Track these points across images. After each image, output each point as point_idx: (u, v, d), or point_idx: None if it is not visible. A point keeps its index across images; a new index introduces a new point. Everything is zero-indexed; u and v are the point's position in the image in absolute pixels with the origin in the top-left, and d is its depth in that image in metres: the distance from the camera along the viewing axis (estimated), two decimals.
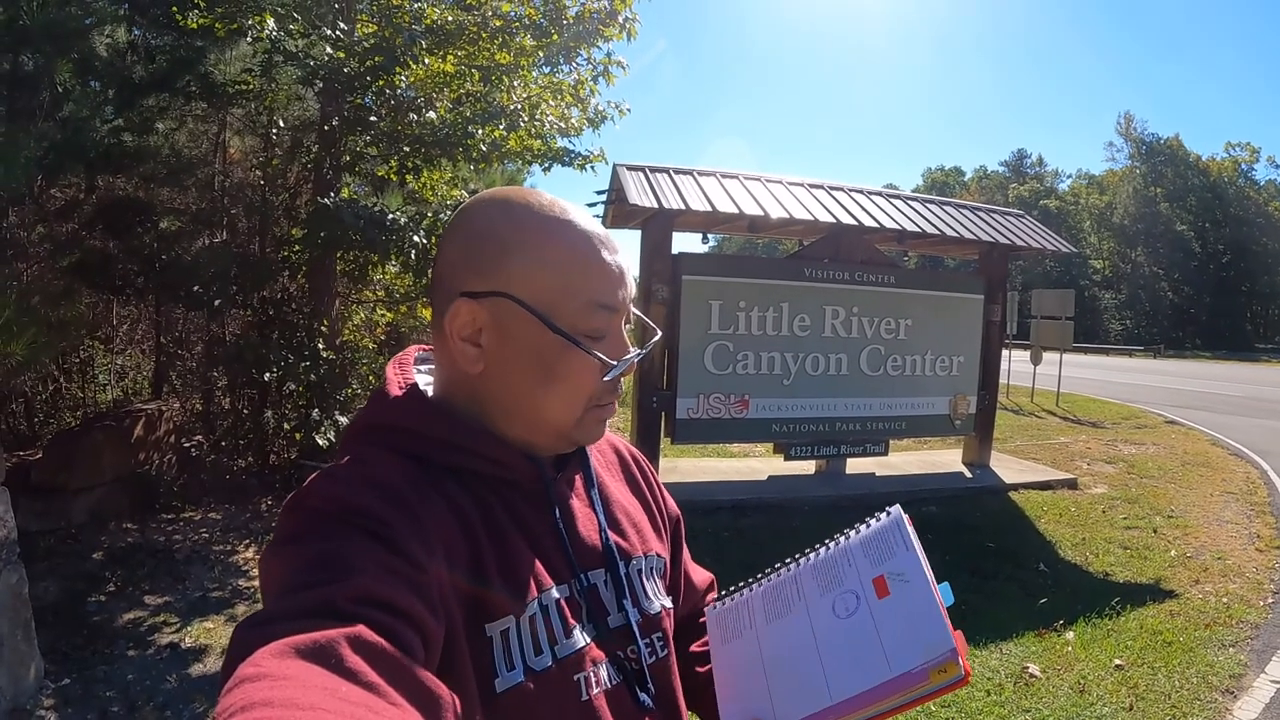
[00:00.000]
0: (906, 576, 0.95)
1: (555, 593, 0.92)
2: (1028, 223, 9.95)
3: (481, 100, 7.25)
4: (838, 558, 1.04)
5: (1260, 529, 7.60)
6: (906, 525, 1.02)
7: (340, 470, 0.86)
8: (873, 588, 0.97)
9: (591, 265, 0.92)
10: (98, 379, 9.05)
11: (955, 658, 0.85)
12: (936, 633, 0.88)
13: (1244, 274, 71.13)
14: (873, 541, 1.02)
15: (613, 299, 0.93)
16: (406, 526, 0.79)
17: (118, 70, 7.10)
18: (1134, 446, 12.15)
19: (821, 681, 0.92)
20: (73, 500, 6.36)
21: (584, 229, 0.94)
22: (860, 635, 0.93)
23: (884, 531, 1.03)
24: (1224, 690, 4.44)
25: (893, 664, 0.87)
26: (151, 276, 7.36)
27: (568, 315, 0.91)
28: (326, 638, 0.62)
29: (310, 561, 0.74)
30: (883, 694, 0.86)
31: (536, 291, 0.91)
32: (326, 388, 6.90)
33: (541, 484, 0.96)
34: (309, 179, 8.44)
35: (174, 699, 4.07)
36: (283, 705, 0.53)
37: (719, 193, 7.66)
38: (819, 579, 1.03)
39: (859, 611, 0.95)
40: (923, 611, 0.91)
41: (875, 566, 0.99)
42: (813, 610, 1.00)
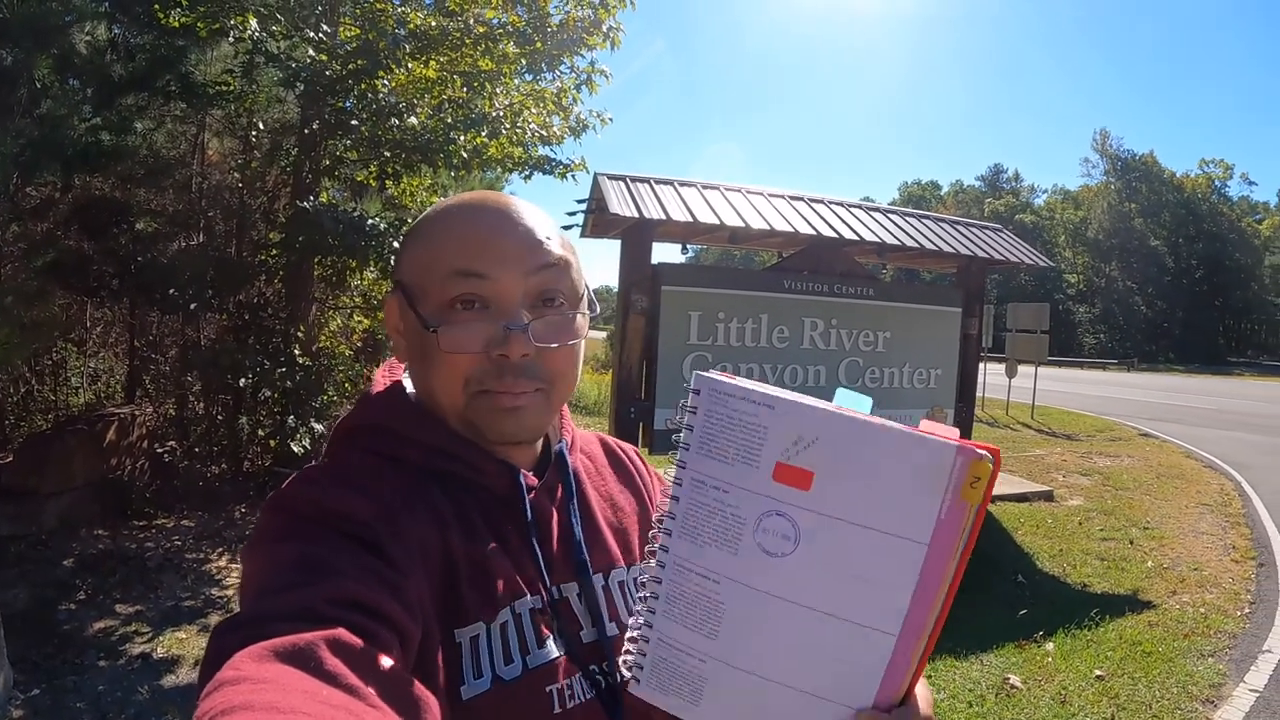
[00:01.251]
0: (810, 436, 0.75)
1: (530, 602, 0.89)
2: (1005, 236, 10.01)
3: (463, 106, 7.23)
4: (696, 500, 0.80)
5: (1235, 540, 7.67)
6: (738, 384, 0.80)
7: (319, 472, 0.85)
8: (786, 487, 0.76)
9: (454, 231, 0.89)
10: (70, 382, 8.94)
11: (971, 454, 0.71)
12: (914, 452, 0.73)
13: (1217, 289, 72.12)
14: (710, 438, 0.79)
15: (476, 263, 0.87)
16: (384, 528, 0.78)
17: (97, 68, 7.04)
18: (1109, 459, 12.25)
19: (859, 645, 0.76)
20: (44, 505, 6.27)
21: (469, 200, 0.92)
22: (840, 547, 0.75)
23: (710, 417, 0.80)
24: (1204, 700, 4.46)
25: (912, 534, 0.73)
26: (127, 278, 7.28)
27: (435, 289, 0.88)
28: (306, 641, 0.61)
29: (288, 563, 0.73)
30: (929, 587, 0.72)
31: (410, 272, 0.91)
32: (302, 394, 6.85)
33: (517, 492, 0.94)
34: (288, 183, 8.38)
35: (145, 711, 4.01)
36: (263, 709, 0.52)
37: (700, 203, 7.65)
38: (703, 539, 0.80)
39: (802, 527, 0.76)
40: (875, 448, 0.74)
41: (754, 464, 0.77)
42: (748, 580, 0.78)
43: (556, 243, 0.92)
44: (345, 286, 8.39)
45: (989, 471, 0.71)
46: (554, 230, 0.93)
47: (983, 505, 0.72)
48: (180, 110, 8.00)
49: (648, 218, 7.08)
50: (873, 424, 0.74)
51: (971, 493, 0.71)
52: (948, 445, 0.72)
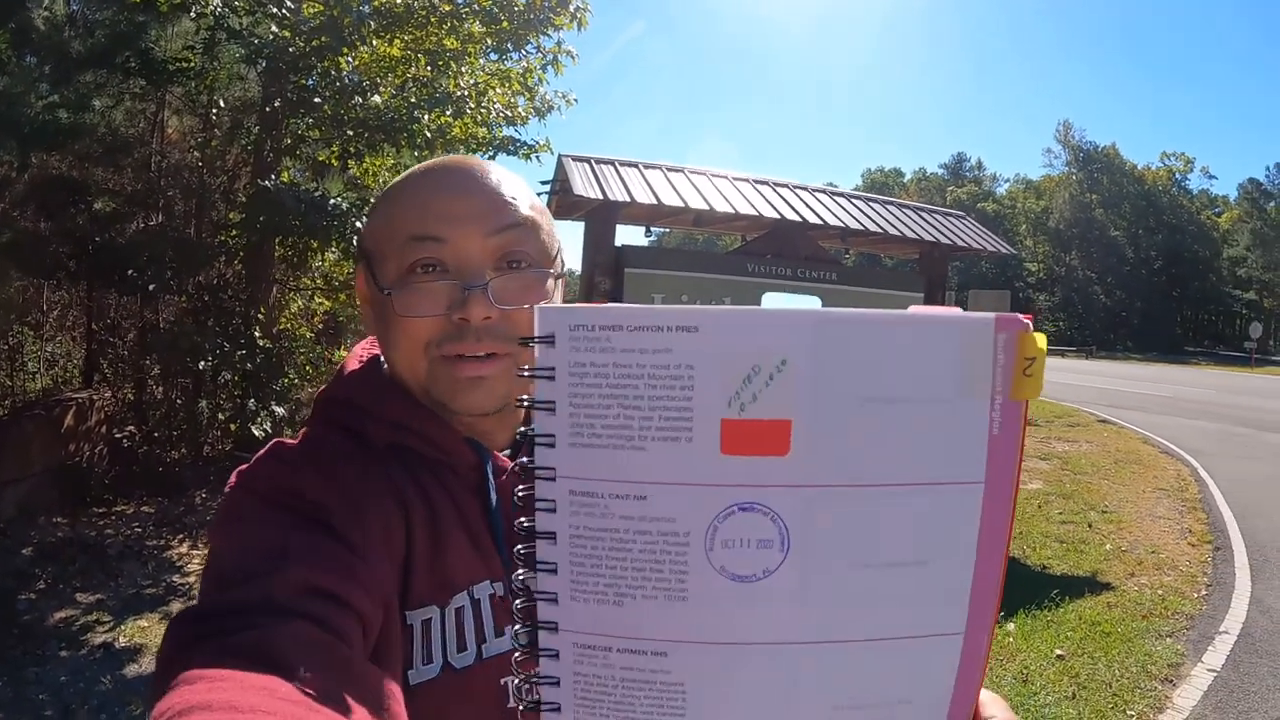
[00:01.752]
0: (776, 356, 0.49)
1: (489, 588, 0.86)
2: (968, 223, 10.09)
3: (428, 86, 7.17)
4: (585, 520, 0.51)
5: (1192, 524, 7.82)
6: (590, 309, 0.50)
7: (285, 449, 0.83)
8: (746, 462, 0.49)
9: (412, 197, 0.87)
10: (27, 367, 8.76)
11: (1017, 325, 0.51)
12: (947, 342, 0.50)
13: (1175, 279, 73.43)
14: (600, 401, 0.50)
15: (431, 228, 0.84)
16: (345, 510, 0.76)
17: (55, 44, 6.89)
18: (1067, 444, 12.43)
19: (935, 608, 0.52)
20: (1, 493, 6.15)
21: (427, 166, 0.90)
22: (858, 539, 0.51)
23: (591, 362, 0.50)
24: (1163, 679, 4.54)
25: (955, 473, 0.51)
26: (84, 260, 7.15)
27: (394, 256, 0.85)
28: (265, 634, 0.60)
29: (248, 548, 0.71)
30: (993, 545, 0.51)
31: (372, 240, 0.89)
32: (263, 377, 6.76)
33: (482, 471, 0.90)
34: (248, 162, 8.26)
35: (109, 701, 3.95)
36: (221, 708, 0.51)
37: (664, 186, 7.63)
38: (613, 592, 0.52)
39: (785, 525, 0.50)
40: (889, 352, 0.50)
41: (680, 427, 0.49)
42: (703, 659, 0.52)
43: (524, 203, 0.88)
44: (306, 268, 8.30)
45: (1043, 350, 0.52)
46: (521, 190, 0.89)
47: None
48: (139, 87, 7.85)
49: (612, 200, 7.05)
50: (871, 321, 0.50)
51: (1027, 384, 0.52)
52: (984, 322, 0.50)
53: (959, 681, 0.53)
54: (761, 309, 0.50)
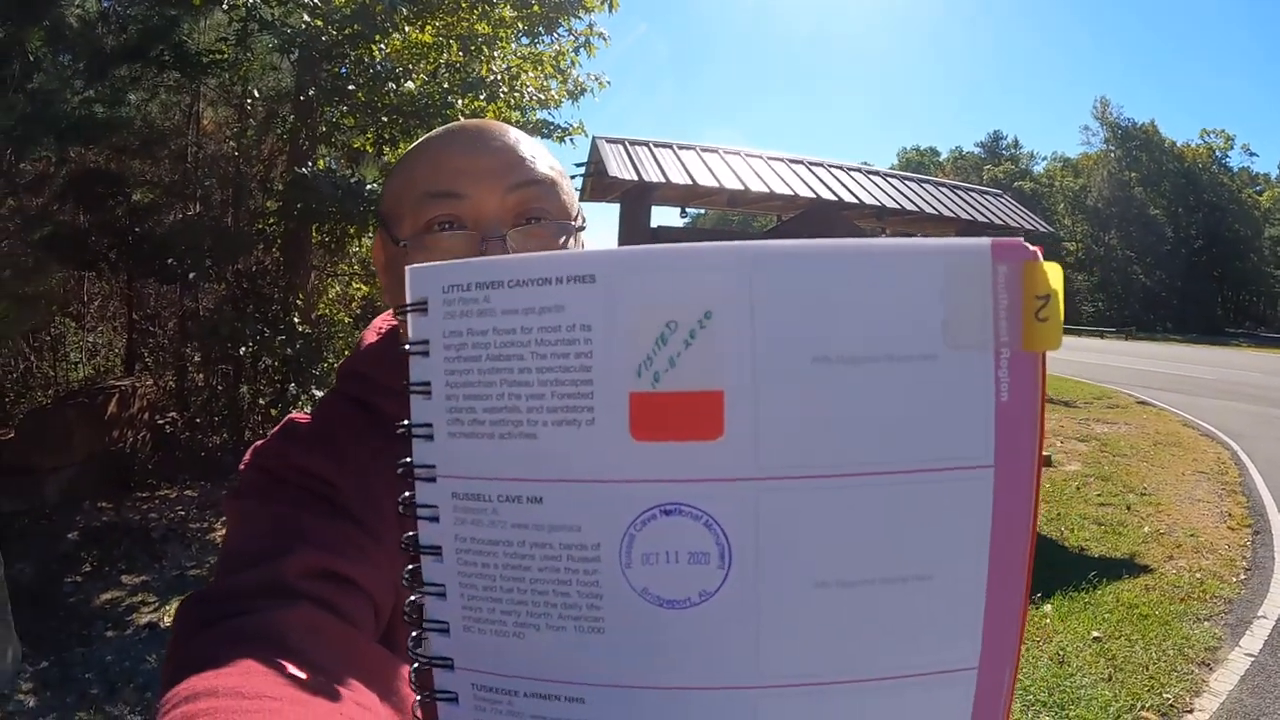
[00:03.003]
0: (698, 306, 0.39)
1: None
2: (1006, 201, 9.99)
3: (460, 71, 7.17)
4: (470, 530, 0.45)
5: (1231, 508, 7.70)
6: (467, 264, 0.44)
7: (298, 426, 0.84)
8: (665, 450, 0.40)
9: (428, 155, 0.85)
10: (69, 357, 8.91)
11: (1021, 253, 0.40)
12: (928, 276, 0.39)
13: (1216, 259, 72.02)
14: (481, 378, 0.43)
15: (448, 184, 0.81)
16: (357, 490, 0.77)
17: (89, 40, 6.96)
18: (1107, 426, 12.27)
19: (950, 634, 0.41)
20: (46, 480, 6.27)
21: (444, 128, 0.89)
22: (821, 547, 0.40)
23: (468, 329, 0.43)
24: (1200, 663, 4.49)
25: (952, 455, 0.40)
26: (124, 250, 7.25)
27: (409, 215, 0.83)
28: (273, 618, 0.60)
29: (260, 527, 0.72)
30: (1011, 543, 0.40)
31: (387, 202, 0.88)
32: (302, 362, 6.84)
33: None
34: (284, 150, 8.33)
35: (154, 679, 4.01)
36: (227, 694, 0.51)
37: (699, 166, 7.62)
38: (511, 623, 0.44)
39: (723, 531, 0.40)
40: (853, 295, 0.39)
41: (579, 407, 0.41)
42: (630, 712, 0.42)
43: (542, 162, 0.85)
44: (344, 253, 8.36)
45: (1057, 289, 0.41)
46: (539, 150, 0.87)
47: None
48: (174, 80, 7.92)
49: (647, 181, 7.04)
50: (820, 251, 0.40)
51: (1041, 331, 0.40)
52: (977, 249, 0.40)
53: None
54: (678, 245, 0.40)
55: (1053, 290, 0.40)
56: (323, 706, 0.53)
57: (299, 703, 0.52)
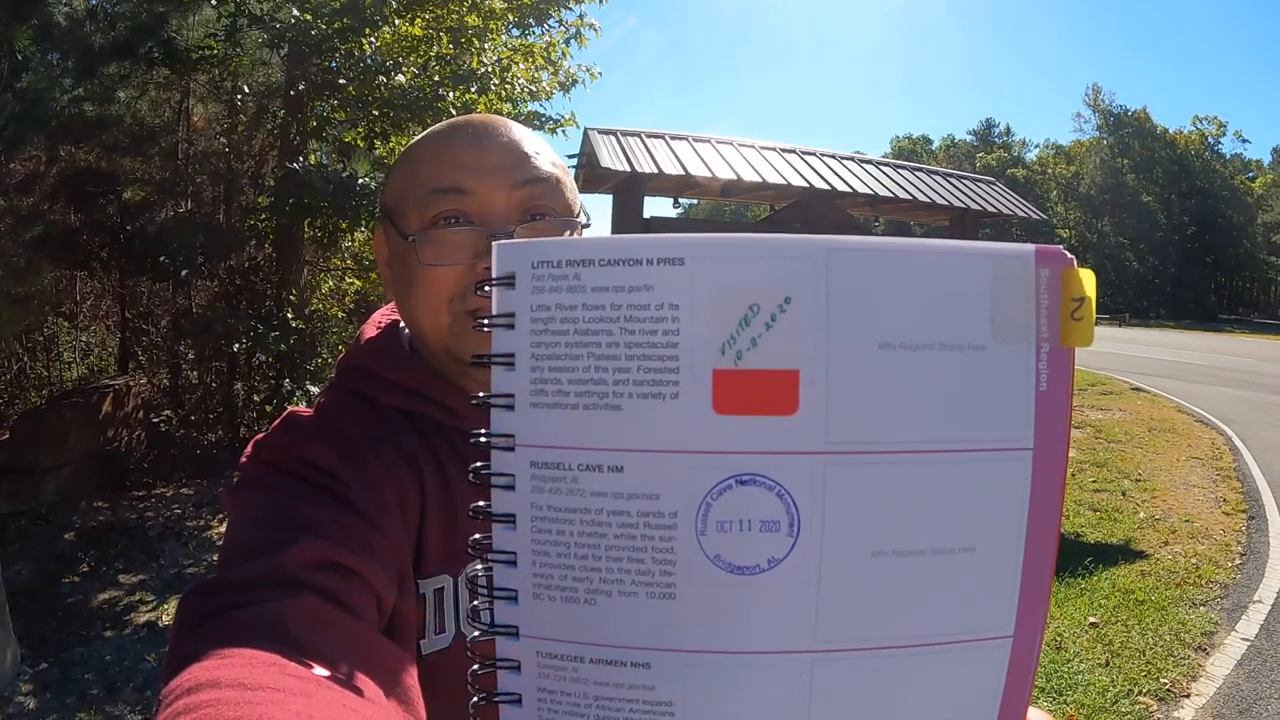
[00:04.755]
0: (778, 292, 0.42)
1: None
2: (998, 189, 9.97)
3: (451, 63, 7.15)
4: (547, 498, 0.46)
5: (1226, 493, 7.73)
6: (557, 243, 0.46)
7: (299, 419, 0.83)
8: (744, 424, 0.42)
9: (435, 151, 0.86)
10: (63, 356, 8.90)
11: (1060, 259, 0.44)
12: (979, 277, 0.44)
13: (1209, 246, 72.21)
14: (567, 351, 0.44)
15: (455, 179, 0.83)
16: (359, 480, 0.76)
17: (77, 38, 6.93)
18: (1101, 412, 12.31)
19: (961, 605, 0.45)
20: (42, 480, 6.26)
21: (449, 122, 0.90)
22: (881, 519, 0.44)
23: (556, 305, 0.44)
24: (1196, 647, 4.52)
25: (996, 437, 0.44)
26: (115, 249, 7.24)
27: (415, 210, 0.84)
28: (275, 609, 0.59)
29: (262, 519, 0.71)
30: (1044, 522, 0.45)
31: (392, 196, 0.88)
32: (296, 358, 6.83)
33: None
34: (275, 145, 8.30)
35: (153, 678, 4.02)
36: (230, 685, 0.50)
37: (691, 156, 7.59)
38: (583, 589, 0.45)
39: (794, 501, 0.43)
40: (913, 289, 0.43)
41: (664, 381, 0.43)
42: (696, 676, 0.44)
43: (546, 159, 0.87)
44: (336, 248, 8.35)
45: (1090, 289, 0.44)
46: (543, 147, 0.88)
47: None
48: (163, 77, 7.90)
49: (639, 172, 7.02)
50: (891, 251, 0.44)
51: (1076, 329, 0.44)
52: (1022, 255, 0.44)
53: (1006, 699, 0.45)
54: (762, 235, 0.43)
55: (1086, 294, 0.44)
56: (326, 696, 0.52)
57: (302, 694, 0.51)
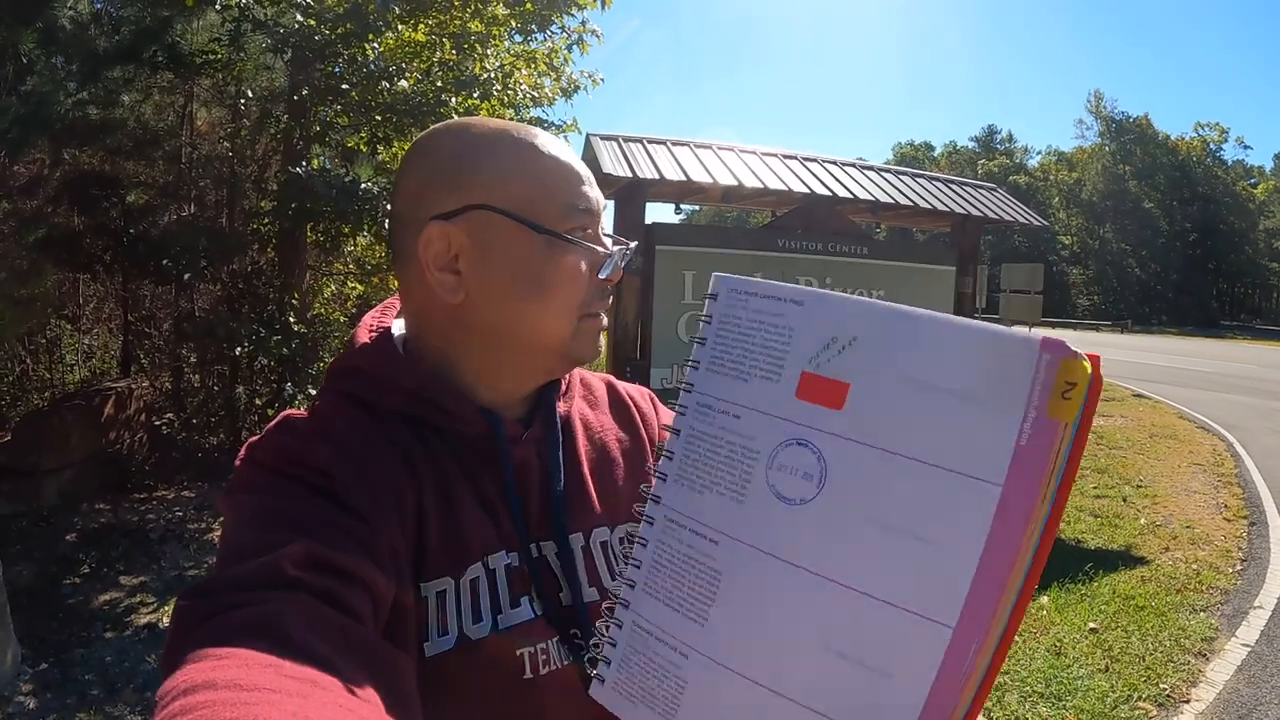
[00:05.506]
0: (849, 333, 0.62)
1: (504, 558, 0.86)
2: (1000, 195, 9.98)
3: (454, 69, 7.16)
4: (699, 430, 0.69)
5: (1227, 499, 7.73)
6: (746, 279, 0.69)
7: (294, 421, 0.84)
8: (815, 406, 0.63)
9: (563, 166, 0.89)
10: (65, 359, 8.92)
11: (1062, 351, 0.54)
12: (992, 353, 0.56)
13: (1211, 252, 72.11)
14: (733, 341, 0.68)
15: (588, 200, 0.90)
16: (356, 482, 0.77)
17: (82, 42, 6.95)
18: (1102, 419, 12.31)
19: (918, 616, 0.56)
20: (43, 482, 6.27)
21: (547, 136, 0.92)
22: (876, 499, 0.59)
23: (734, 314, 0.69)
24: (1196, 653, 4.52)
25: (975, 469, 0.55)
26: (119, 252, 7.25)
27: (548, 217, 0.87)
28: (272, 610, 0.60)
29: (258, 520, 0.72)
30: (1003, 553, 0.54)
31: (513, 198, 0.87)
32: (298, 361, 6.84)
33: (495, 441, 0.89)
34: (278, 150, 8.32)
35: (154, 679, 4.02)
36: (226, 686, 0.51)
37: (693, 162, 7.62)
38: (701, 481, 0.67)
39: (833, 462, 0.61)
40: (939, 349, 0.58)
41: (775, 370, 0.65)
42: (739, 555, 0.64)
43: None
44: (339, 253, 8.36)
45: (1088, 376, 0.53)
46: None
47: (1083, 427, 0.54)
48: (167, 81, 7.93)
49: (641, 178, 7.04)
50: (929, 318, 0.59)
51: (1064, 406, 0.53)
52: (1029, 340, 0.55)
53: (941, 679, 0.54)
54: (849, 296, 0.64)
55: (1083, 378, 0.54)
56: (322, 698, 0.53)
57: (298, 694, 0.52)
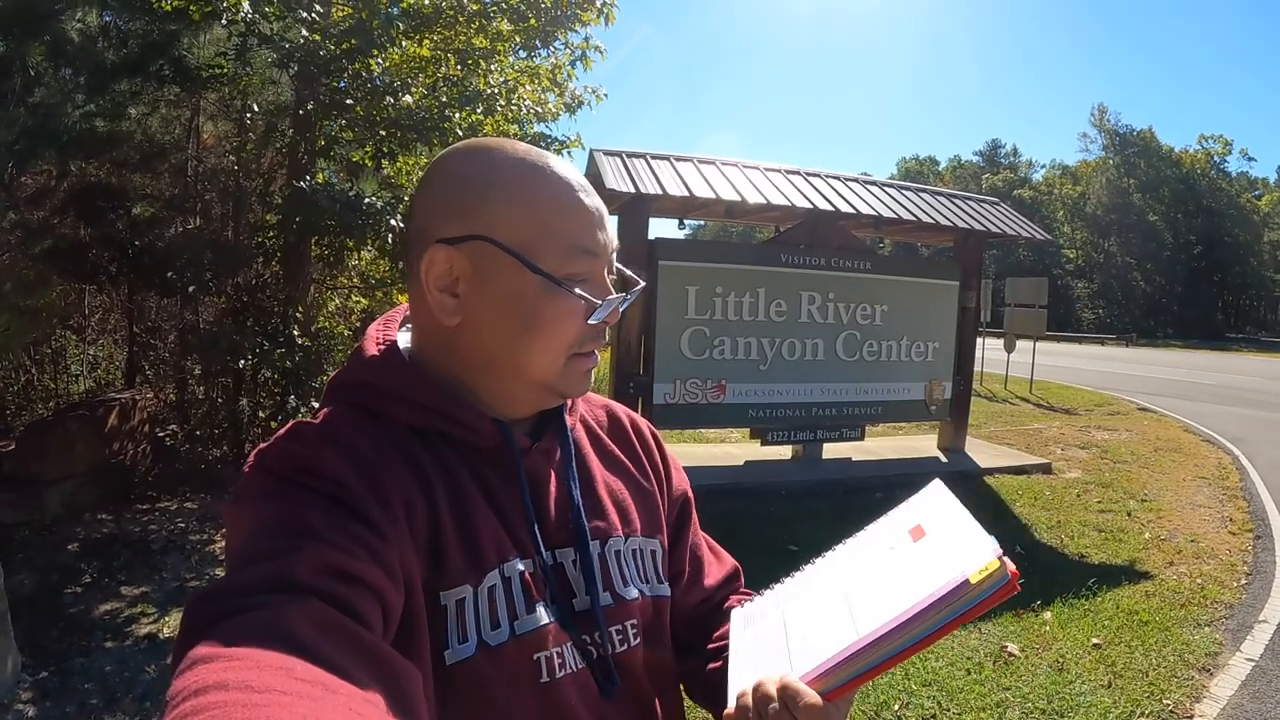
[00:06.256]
0: (943, 517, 0.90)
1: (519, 565, 0.88)
2: (1004, 210, 10.00)
3: (458, 84, 7.20)
4: (871, 533, 0.99)
5: (1232, 513, 7.70)
6: (943, 488, 0.97)
7: (305, 429, 0.85)
8: (909, 535, 0.91)
9: (570, 207, 0.90)
10: (70, 369, 8.94)
11: (996, 557, 0.78)
12: (975, 545, 0.81)
13: (1215, 264, 71.94)
14: (907, 508, 0.98)
15: (593, 243, 0.91)
16: (366, 490, 0.78)
17: (89, 54, 7.00)
18: (1107, 432, 12.27)
19: (849, 626, 0.83)
20: (46, 491, 6.28)
21: (562, 171, 0.92)
22: (893, 574, 0.86)
23: (918, 498, 0.98)
24: (1200, 668, 4.49)
25: (930, 582, 0.80)
26: (124, 263, 7.28)
27: (549, 258, 0.88)
28: (282, 614, 0.61)
29: (268, 527, 0.72)
30: (921, 614, 0.78)
31: (516, 234, 0.88)
32: (302, 375, 6.85)
33: (509, 451, 0.92)
34: (283, 164, 8.36)
35: (153, 689, 4.02)
36: (237, 687, 0.52)
37: (696, 178, 7.65)
38: (852, 551, 0.99)
39: (893, 558, 0.89)
40: (961, 535, 0.85)
41: (911, 520, 0.93)
42: (842, 572, 0.94)
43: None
44: (343, 267, 8.38)
45: (996, 567, 0.77)
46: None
47: (980, 604, 0.78)
48: (174, 94, 7.97)
49: (644, 193, 7.08)
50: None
51: (977, 576, 0.77)
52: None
53: (836, 657, 0.81)
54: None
55: (993, 567, 0.78)
56: (332, 701, 0.53)
57: (308, 697, 0.52)
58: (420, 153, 7.62)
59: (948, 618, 0.78)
